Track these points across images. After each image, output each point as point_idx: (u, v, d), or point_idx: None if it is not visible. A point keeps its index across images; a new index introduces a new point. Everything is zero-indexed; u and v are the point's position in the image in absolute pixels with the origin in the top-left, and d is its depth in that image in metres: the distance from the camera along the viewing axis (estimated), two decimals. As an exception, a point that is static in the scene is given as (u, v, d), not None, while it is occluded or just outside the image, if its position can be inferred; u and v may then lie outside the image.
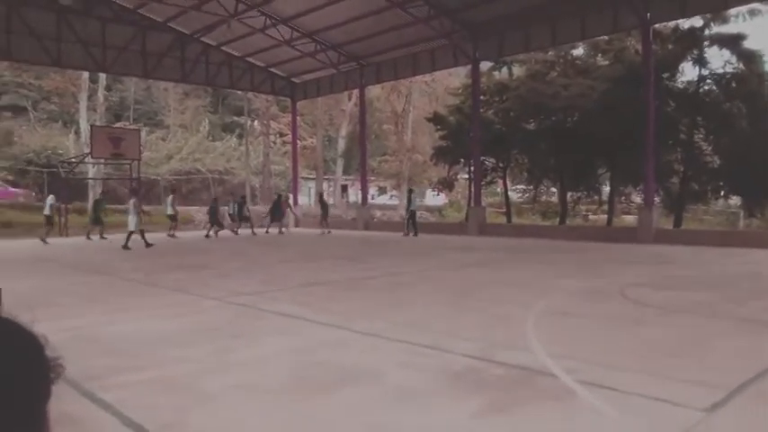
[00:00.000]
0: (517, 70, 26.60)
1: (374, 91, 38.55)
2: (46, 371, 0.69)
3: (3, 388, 0.63)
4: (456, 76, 37.08)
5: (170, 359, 4.58)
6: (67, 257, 13.95)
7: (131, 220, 16.05)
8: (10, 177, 31.66)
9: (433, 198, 42.69)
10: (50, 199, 19.70)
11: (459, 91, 28.03)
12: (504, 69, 26.68)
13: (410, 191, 23.36)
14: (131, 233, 15.71)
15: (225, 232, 22.02)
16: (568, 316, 6.22)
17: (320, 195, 26.60)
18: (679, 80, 21.27)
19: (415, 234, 20.63)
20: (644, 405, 3.41)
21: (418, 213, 22.90)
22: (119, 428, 3.16)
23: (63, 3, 21.32)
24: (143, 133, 32.39)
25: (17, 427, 0.63)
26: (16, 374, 0.65)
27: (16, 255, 14.87)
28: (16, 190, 30.04)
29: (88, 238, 19.34)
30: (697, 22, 20.07)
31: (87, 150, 25.04)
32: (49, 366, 0.69)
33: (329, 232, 21.27)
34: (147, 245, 15.71)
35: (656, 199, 19.39)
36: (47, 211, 19.40)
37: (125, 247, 15.35)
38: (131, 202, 16.77)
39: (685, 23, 20.30)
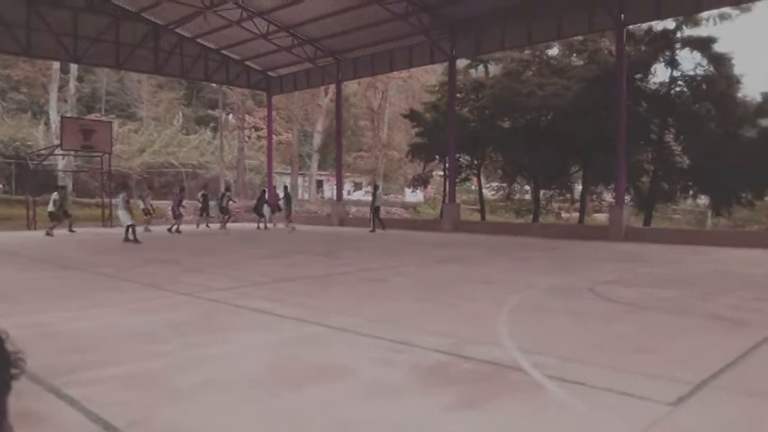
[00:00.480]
0: (493, 69, 26.78)
1: (351, 87, 38.49)
2: (5, 364, 0.68)
3: None
4: (433, 74, 37.25)
5: (139, 355, 4.52)
6: (35, 251, 13.66)
7: (123, 215, 15.88)
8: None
9: (412, 195, 42.82)
10: (55, 195, 19.33)
11: (436, 88, 28.12)
12: (481, 67, 26.85)
13: (375, 187, 23.27)
14: (129, 227, 15.64)
15: (189, 226, 21.83)
16: (539, 312, 6.30)
17: (285, 190, 26.25)
18: (651, 81, 21.68)
19: (383, 228, 20.64)
20: (612, 399, 3.47)
21: (394, 210, 22.87)
22: (85, 425, 3.11)
23: None
24: (115, 125, 31.90)
25: None
26: None
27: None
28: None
29: (48, 234, 18.46)
30: (669, 24, 20.49)
31: (57, 142, 24.57)
32: (9, 360, 0.68)
33: (293, 229, 21.22)
34: (126, 239, 15.57)
35: (627, 198, 19.73)
36: (51, 208, 19.01)
37: (134, 240, 15.45)
38: (120, 196, 16.57)
39: (658, 25, 20.70)
